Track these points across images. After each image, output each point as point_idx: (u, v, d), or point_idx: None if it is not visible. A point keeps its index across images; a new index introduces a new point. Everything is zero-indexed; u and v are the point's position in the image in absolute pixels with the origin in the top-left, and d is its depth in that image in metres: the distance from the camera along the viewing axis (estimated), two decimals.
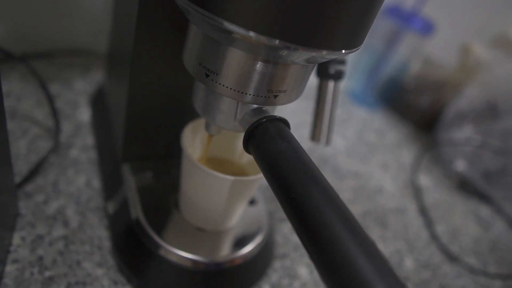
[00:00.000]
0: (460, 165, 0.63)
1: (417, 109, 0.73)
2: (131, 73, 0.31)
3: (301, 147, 0.22)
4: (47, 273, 0.30)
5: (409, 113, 0.74)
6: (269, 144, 0.22)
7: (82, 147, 0.42)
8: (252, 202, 0.37)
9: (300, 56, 0.21)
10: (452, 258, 0.48)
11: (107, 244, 0.33)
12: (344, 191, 0.51)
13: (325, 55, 0.21)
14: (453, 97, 0.68)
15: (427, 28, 0.66)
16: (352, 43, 0.22)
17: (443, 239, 0.50)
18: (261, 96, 0.23)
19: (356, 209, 0.49)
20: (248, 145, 0.23)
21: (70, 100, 0.47)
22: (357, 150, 0.61)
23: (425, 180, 0.60)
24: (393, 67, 0.71)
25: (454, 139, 0.64)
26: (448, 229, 0.52)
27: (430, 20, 0.66)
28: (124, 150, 0.35)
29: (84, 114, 0.46)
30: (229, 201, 0.30)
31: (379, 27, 0.69)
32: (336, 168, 0.55)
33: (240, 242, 0.33)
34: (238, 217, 0.34)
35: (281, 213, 0.43)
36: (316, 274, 0.38)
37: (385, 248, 0.45)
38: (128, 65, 0.31)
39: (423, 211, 0.53)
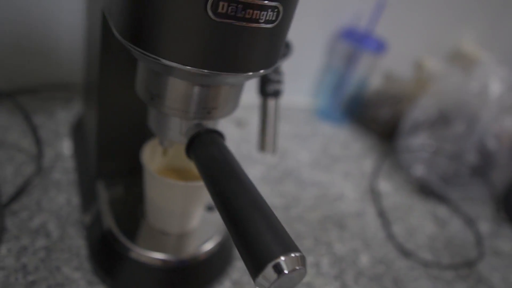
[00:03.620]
0: (419, 170, 0.68)
1: (379, 121, 0.78)
2: (99, 100, 0.36)
3: (229, 152, 0.27)
4: (30, 278, 0.34)
5: (373, 125, 0.79)
6: (203, 151, 0.27)
7: (63, 170, 0.47)
8: (211, 208, 0.42)
9: (227, 79, 0.27)
10: (406, 254, 0.52)
11: (84, 251, 0.38)
12: (305, 199, 0.56)
13: (248, 76, 0.27)
14: (411, 108, 0.73)
15: (380, 47, 0.73)
16: (268, 64, 0.28)
17: (399, 238, 0.55)
18: (198, 113, 0.29)
19: (316, 215, 0.54)
20: (189, 152, 0.29)
21: (53, 130, 0.53)
22: (321, 162, 0.66)
23: (385, 186, 0.65)
24: (354, 84, 0.77)
25: (412, 146, 0.69)
26: (405, 228, 0.57)
27: (383, 40, 0.73)
28: (98, 169, 0.41)
29: (65, 142, 0.51)
30: (185, 205, 0.35)
31: (338, 49, 0.76)
32: (299, 178, 0.60)
33: (201, 242, 0.38)
34: (197, 220, 0.39)
35: None
36: None
37: (342, 247, 0.50)
38: (96, 93, 0.36)
39: (382, 214, 0.58)
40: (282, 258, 0.20)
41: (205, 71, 0.25)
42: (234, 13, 0.22)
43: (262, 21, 0.24)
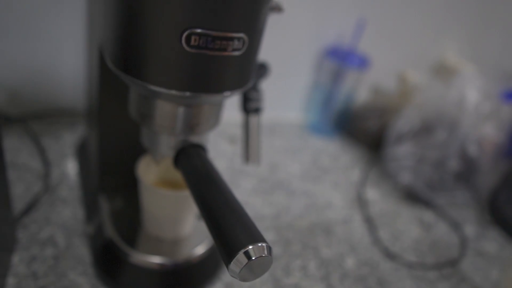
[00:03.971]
0: (405, 178, 0.72)
1: (367, 132, 0.82)
2: (99, 123, 0.41)
3: (209, 162, 0.31)
4: (40, 283, 0.38)
5: (361, 137, 0.83)
6: (188, 162, 0.32)
7: (68, 188, 0.51)
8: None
9: (206, 99, 0.31)
10: (391, 256, 0.55)
11: (88, 259, 0.42)
12: (294, 208, 0.60)
13: (223, 96, 0.31)
14: (396, 119, 0.77)
15: (363, 64, 0.77)
16: (240, 85, 0.32)
17: (385, 242, 0.58)
18: (183, 130, 0.33)
19: (304, 222, 0.57)
20: (176, 164, 0.33)
21: (59, 151, 0.57)
22: (311, 173, 0.70)
23: (373, 194, 0.69)
24: (342, 99, 0.81)
25: (398, 155, 0.73)
26: (390, 233, 0.60)
27: (365, 56, 0.78)
28: (100, 184, 0.45)
29: (70, 162, 0.56)
30: (176, 212, 0.39)
31: (325, 66, 0.80)
32: (289, 189, 0.64)
33: (193, 247, 0.42)
34: (189, 227, 0.43)
35: None
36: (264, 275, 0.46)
37: (329, 251, 0.53)
38: (96, 117, 0.41)
39: (368, 220, 0.61)
40: (251, 246, 0.24)
41: (187, 93, 0.29)
42: (205, 45, 0.27)
43: (230, 49, 0.28)
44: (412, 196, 0.70)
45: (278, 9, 0.33)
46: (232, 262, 0.24)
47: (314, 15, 0.76)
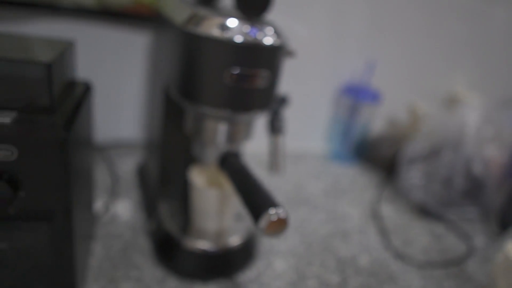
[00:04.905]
0: (417, 195, 0.80)
1: (384, 158, 0.92)
2: (162, 149, 0.54)
3: (244, 164, 0.43)
4: (113, 263, 0.50)
5: (378, 162, 0.93)
6: (228, 164, 0.44)
7: (133, 197, 0.64)
8: (239, 218, 0.57)
9: (241, 117, 0.44)
10: (401, 257, 0.63)
11: (148, 248, 0.54)
12: (316, 220, 0.69)
13: (253, 115, 0.44)
14: (408, 145, 0.87)
15: (376, 98, 0.89)
16: (265, 108, 0.44)
17: (398, 248, 0.66)
18: (225, 142, 0.46)
19: (324, 231, 0.67)
20: (222, 167, 0.45)
21: (125, 171, 0.71)
22: (331, 193, 0.80)
23: (388, 210, 0.77)
24: (359, 130, 0.92)
25: (409, 175, 0.82)
26: (402, 240, 0.68)
27: (377, 92, 0.89)
28: (160, 192, 0.58)
29: (133, 179, 0.69)
30: (218, 207, 0.50)
31: (342, 102, 0.92)
32: (312, 205, 0.74)
33: (232, 238, 0.53)
34: (229, 221, 0.54)
35: None
36: (288, 265, 0.56)
37: (346, 252, 0.62)
38: (160, 144, 0.54)
39: (383, 230, 0.70)
40: (273, 210, 0.35)
41: (227, 112, 0.42)
42: (241, 80, 0.40)
43: (258, 83, 0.41)
44: (424, 212, 0.78)
45: (291, 54, 0.46)
46: (260, 220, 0.35)
47: (330, 58, 0.89)
